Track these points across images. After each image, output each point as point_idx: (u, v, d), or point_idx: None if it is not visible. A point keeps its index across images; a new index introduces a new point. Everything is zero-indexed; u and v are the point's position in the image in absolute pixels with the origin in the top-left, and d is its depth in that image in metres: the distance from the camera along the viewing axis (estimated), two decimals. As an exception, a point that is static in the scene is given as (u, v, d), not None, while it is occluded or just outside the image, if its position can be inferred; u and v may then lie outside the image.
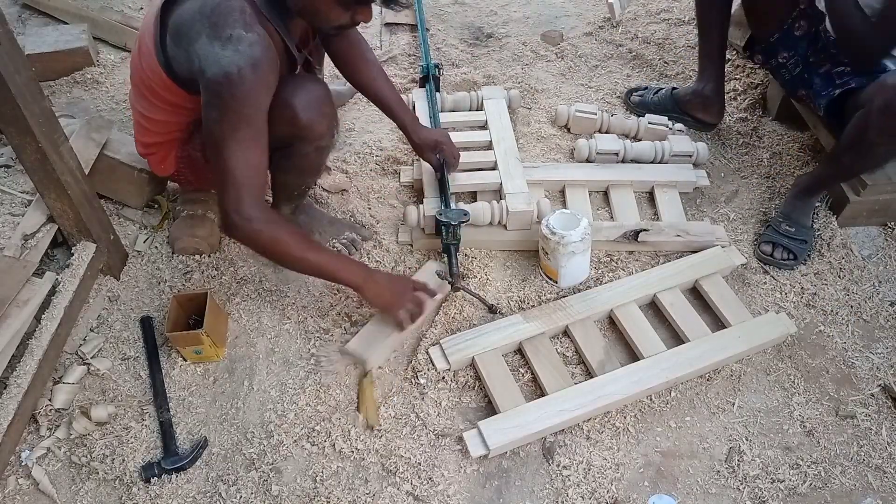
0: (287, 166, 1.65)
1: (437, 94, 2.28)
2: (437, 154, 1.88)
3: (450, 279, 1.71)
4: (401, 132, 1.90)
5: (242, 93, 1.34)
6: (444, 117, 2.20)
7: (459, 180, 1.98)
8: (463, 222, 1.76)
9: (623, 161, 2.11)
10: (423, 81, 2.27)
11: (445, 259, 1.74)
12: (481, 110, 2.23)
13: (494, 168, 2.02)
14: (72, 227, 1.64)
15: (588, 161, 2.13)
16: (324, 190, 2.03)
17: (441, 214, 1.78)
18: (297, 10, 1.42)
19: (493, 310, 1.74)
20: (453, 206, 1.84)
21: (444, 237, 1.76)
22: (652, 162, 2.11)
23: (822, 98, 1.87)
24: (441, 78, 2.33)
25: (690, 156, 2.11)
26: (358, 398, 1.56)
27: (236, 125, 1.37)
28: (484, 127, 2.18)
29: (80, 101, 2.27)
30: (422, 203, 1.90)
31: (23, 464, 1.46)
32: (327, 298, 1.76)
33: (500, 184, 1.95)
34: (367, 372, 1.61)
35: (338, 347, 1.64)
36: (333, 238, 1.85)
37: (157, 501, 1.42)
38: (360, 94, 1.92)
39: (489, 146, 2.10)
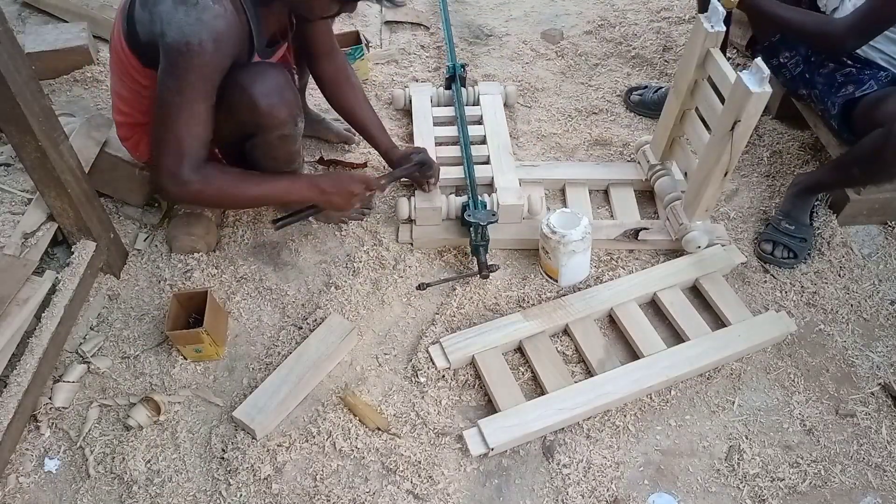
0: (258, 157, 1.65)
1: (439, 90, 2.28)
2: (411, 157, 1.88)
3: (481, 274, 1.74)
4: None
5: (201, 65, 1.34)
6: (439, 112, 2.21)
7: (452, 174, 1.99)
8: (491, 222, 1.79)
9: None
10: (450, 81, 2.28)
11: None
12: (478, 105, 2.24)
13: (487, 163, 2.03)
14: (72, 225, 1.64)
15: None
16: (344, 165, 2.10)
17: (469, 215, 1.79)
18: None
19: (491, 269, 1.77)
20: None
21: (473, 238, 1.77)
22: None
23: (837, 97, 1.84)
24: (466, 77, 2.34)
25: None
26: (355, 415, 1.56)
27: (191, 97, 1.38)
28: (479, 122, 2.19)
29: (80, 99, 2.27)
30: (413, 195, 1.92)
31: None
32: (325, 295, 1.76)
33: (493, 178, 1.97)
34: (344, 392, 1.59)
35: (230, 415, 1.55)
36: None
37: (157, 500, 1.42)
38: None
39: (483, 141, 2.11)
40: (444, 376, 1.62)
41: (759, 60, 1.49)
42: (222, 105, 1.44)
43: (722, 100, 1.64)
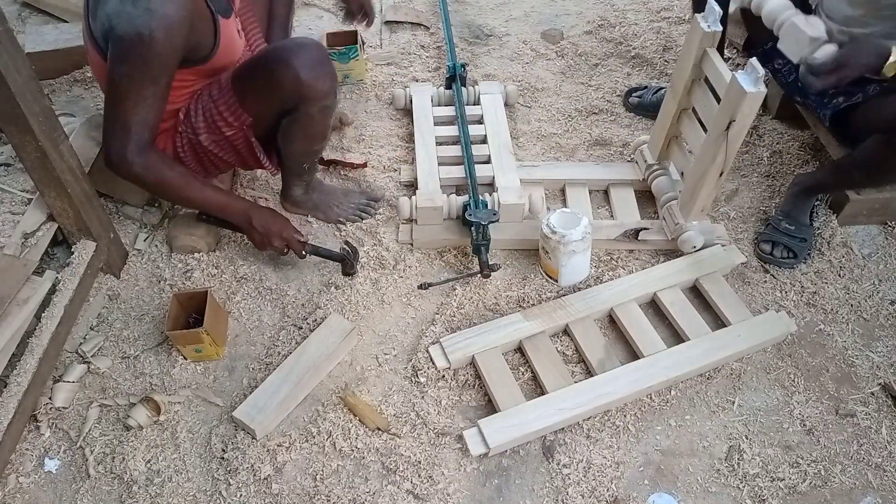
0: (294, 132, 1.67)
1: (439, 89, 2.29)
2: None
3: (483, 273, 1.74)
4: None
5: (152, 55, 1.36)
6: (440, 111, 2.21)
7: (453, 173, 2.00)
8: (493, 221, 1.79)
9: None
10: (450, 81, 2.28)
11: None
12: (478, 105, 2.24)
13: (488, 162, 2.03)
14: (72, 225, 1.64)
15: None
16: (344, 166, 2.09)
17: (471, 214, 1.79)
18: None
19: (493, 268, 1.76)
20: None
21: (474, 237, 1.77)
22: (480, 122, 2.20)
23: (827, 109, 1.85)
24: (466, 77, 2.34)
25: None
26: (355, 415, 1.56)
27: (141, 84, 1.40)
28: (480, 121, 2.19)
29: (80, 99, 2.27)
30: (414, 195, 1.92)
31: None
32: (325, 295, 1.76)
33: (493, 177, 1.97)
34: (344, 392, 1.59)
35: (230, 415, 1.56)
36: (352, 205, 1.94)
37: (157, 500, 1.42)
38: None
39: (484, 140, 2.11)
40: (444, 376, 1.62)
41: (754, 60, 1.49)
42: (263, 81, 1.47)
43: (718, 100, 1.64)
